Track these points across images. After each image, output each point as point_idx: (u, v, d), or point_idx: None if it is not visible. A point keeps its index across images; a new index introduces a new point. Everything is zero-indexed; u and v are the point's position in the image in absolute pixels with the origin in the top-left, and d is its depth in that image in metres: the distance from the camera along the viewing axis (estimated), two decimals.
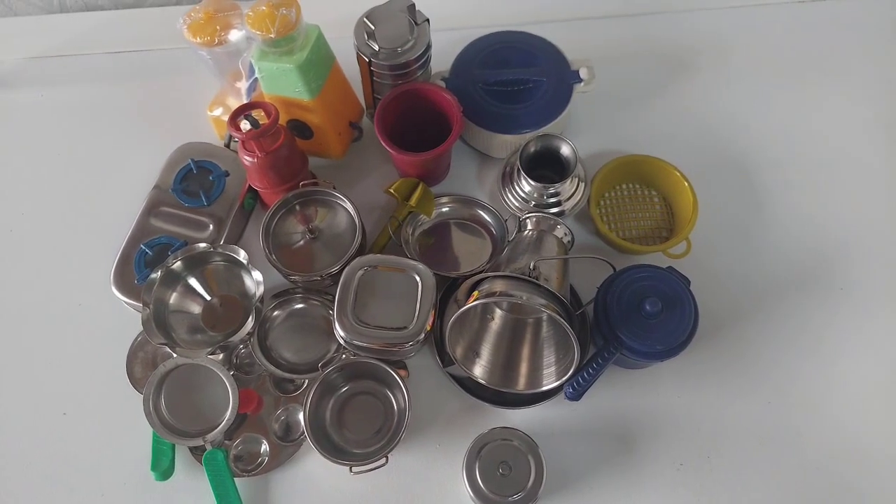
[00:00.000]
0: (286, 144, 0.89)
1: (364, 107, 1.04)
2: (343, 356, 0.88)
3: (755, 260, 0.98)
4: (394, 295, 0.85)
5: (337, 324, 0.83)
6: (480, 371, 0.87)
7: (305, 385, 0.90)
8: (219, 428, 0.83)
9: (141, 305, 0.87)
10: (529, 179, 0.93)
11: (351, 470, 0.81)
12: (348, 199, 0.93)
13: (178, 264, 0.90)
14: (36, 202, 1.06)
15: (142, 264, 0.92)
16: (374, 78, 0.95)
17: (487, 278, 0.83)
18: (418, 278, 0.86)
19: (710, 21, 1.19)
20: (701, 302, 0.84)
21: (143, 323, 0.86)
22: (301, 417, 0.84)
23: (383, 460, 0.81)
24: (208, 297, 0.92)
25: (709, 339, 0.92)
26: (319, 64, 0.90)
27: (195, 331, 0.90)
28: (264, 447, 0.87)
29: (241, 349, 0.92)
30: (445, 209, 1.01)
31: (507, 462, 0.80)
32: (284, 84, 0.89)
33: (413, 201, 0.96)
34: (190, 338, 0.89)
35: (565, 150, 0.95)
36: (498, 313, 0.90)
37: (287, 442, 0.87)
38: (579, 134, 1.06)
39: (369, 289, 0.86)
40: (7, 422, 0.91)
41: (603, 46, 1.13)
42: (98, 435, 0.89)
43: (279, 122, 0.88)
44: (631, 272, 0.85)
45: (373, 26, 0.90)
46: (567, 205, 0.95)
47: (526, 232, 0.91)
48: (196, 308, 0.91)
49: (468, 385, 0.89)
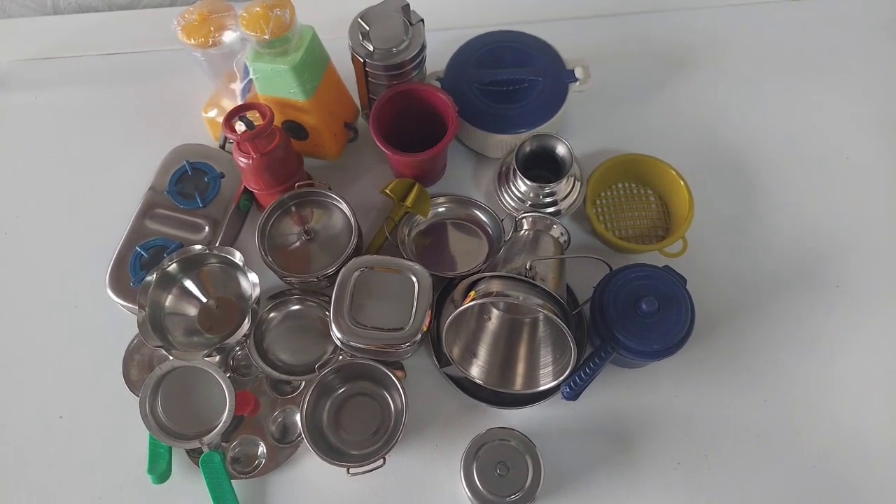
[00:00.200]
0: (281, 145, 0.88)
1: (359, 107, 1.04)
2: (340, 357, 0.88)
3: (751, 258, 0.98)
4: (390, 296, 0.85)
5: (333, 325, 0.83)
6: (477, 371, 0.87)
7: (302, 387, 0.89)
8: (216, 430, 0.83)
9: (137, 308, 0.87)
10: (525, 179, 0.93)
11: (348, 471, 0.81)
12: (344, 200, 0.92)
13: (174, 266, 0.89)
14: (31, 205, 1.05)
15: (137, 267, 0.92)
16: (369, 78, 0.95)
17: (484, 278, 0.83)
18: (414, 279, 0.85)
19: (706, 19, 1.19)
20: (697, 301, 0.84)
21: (139, 325, 0.86)
22: (298, 419, 0.83)
23: (381, 461, 0.81)
24: (204, 300, 0.91)
25: (705, 338, 0.92)
26: (314, 65, 0.89)
27: (191, 333, 0.90)
28: (261, 449, 0.87)
29: (238, 351, 0.92)
30: (441, 209, 1.01)
31: (505, 462, 0.80)
32: (279, 85, 0.88)
33: (409, 202, 0.95)
34: (186, 340, 0.89)
35: (561, 150, 0.95)
36: (495, 313, 0.90)
37: (284, 444, 0.87)
38: (575, 133, 1.06)
39: (366, 290, 0.85)
40: (3, 426, 0.90)
41: (598, 45, 1.13)
42: (94, 438, 0.89)
43: (274, 124, 0.87)
44: (627, 271, 0.85)
45: (367, 27, 0.90)
46: (563, 204, 0.95)
47: (522, 232, 0.91)
48: (192, 310, 0.91)
49: (465, 385, 0.89)
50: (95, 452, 0.88)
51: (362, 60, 0.92)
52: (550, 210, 0.95)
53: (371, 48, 0.91)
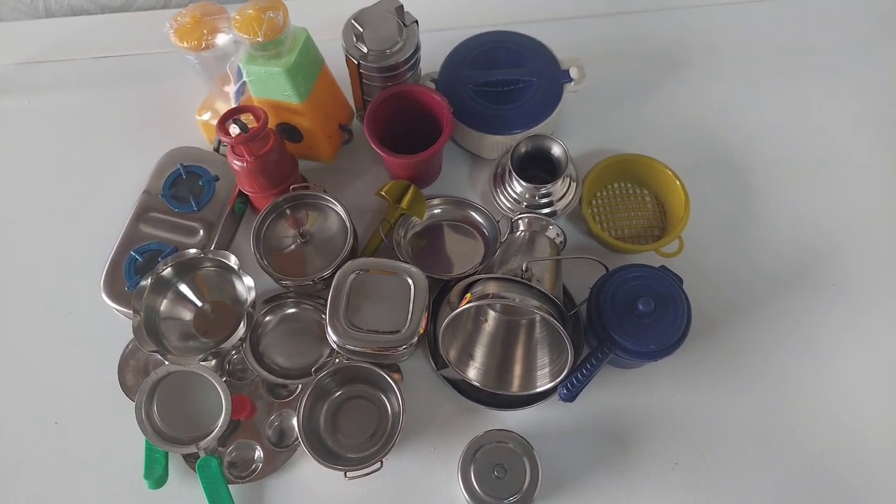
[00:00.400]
0: (276, 148, 0.88)
1: (354, 109, 1.04)
2: (336, 360, 0.88)
3: (748, 257, 0.98)
4: (386, 298, 0.85)
5: (329, 328, 0.82)
6: (474, 373, 0.86)
7: (299, 390, 0.89)
8: (212, 435, 0.83)
9: (132, 312, 0.86)
10: (521, 180, 0.93)
11: (346, 475, 0.80)
12: (339, 203, 0.92)
13: (169, 271, 0.89)
14: (24, 209, 1.05)
15: (132, 271, 0.91)
16: (364, 80, 0.95)
17: (480, 280, 0.82)
18: (410, 281, 0.85)
19: (701, 18, 1.20)
20: (694, 300, 0.84)
21: (134, 330, 0.85)
22: (295, 423, 0.83)
23: (378, 465, 0.80)
24: (199, 304, 0.91)
25: (702, 338, 0.92)
26: (308, 67, 0.89)
27: (187, 337, 0.89)
28: (258, 453, 0.86)
29: (234, 355, 0.91)
30: (437, 211, 1.01)
31: (503, 464, 0.80)
32: (273, 87, 0.88)
33: (404, 203, 0.95)
34: (181, 344, 0.88)
35: (556, 151, 0.95)
36: (491, 315, 0.90)
37: (281, 448, 0.87)
38: (570, 134, 1.06)
39: (362, 292, 0.85)
40: None
41: (593, 45, 1.13)
42: (90, 444, 0.89)
43: (268, 126, 0.87)
44: (624, 272, 0.85)
45: (361, 28, 0.89)
46: (559, 205, 0.95)
47: (518, 233, 0.91)
48: (187, 314, 0.91)
49: (462, 387, 0.89)
50: (91, 458, 0.88)
51: (356, 62, 0.92)
52: (546, 211, 0.94)
53: (365, 50, 0.91)
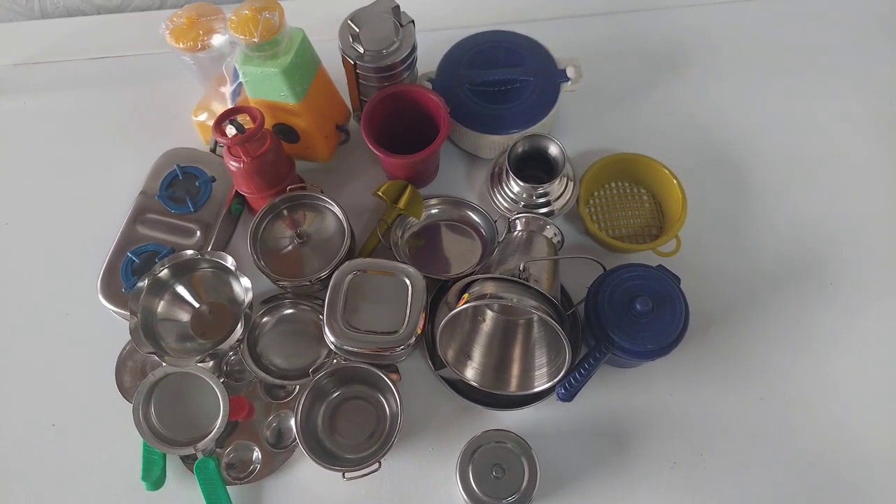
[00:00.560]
0: (272, 149, 0.88)
1: (350, 109, 1.04)
2: (334, 361, 0.88)
3: (745, 256, 0.98)
4: (384, 299, 0.85)
5: (327, 329, 0.82)
6: (472, 373, 0.86)
7: (296, 391, 0.89)
8: (210, 436, 0.83)
9: (129, 314, 0.86)
10: (518, 180, 0.93)
11: (344, 476, 0.80)
12: (336, 203, 0.92)
13: (165, 272, 0.89)
14: (20, 211, 1.04)
15: (129, 272, 0.91)
16: (360, 80, 0.95)
17: (478, 280, 0.82)
18: (408, 281, 0.85)
19: (698, 17, 1.20)
20: (691, 300, 0.84)
21: (131, 332, 0.85)
22: (293, 424, 0.83)
23: (376, 465, 0.80)
24: (197, 305, 0.91)
25: (700, 337, 0.92)
26: (304, 67, 0.89)
27: (184, 339, 0.89)
28: (256, 454, 0.86)
29: (231, 356, 0.91)
30: (434, 211, 1.01)
31: (501, 464, 0.80)
32: (269, 88, 0.88)
33: (402, 204, 0.95)
34: (179, 346, 0.88)
35: (553, 150, 0.95)
36: (489, 315, 0.90)
37: (279, 449, 0.87)
38: (567, 133, 1.06)
39: (359, 293, 0.85)
40: None
41: (590, 45, 1.13)
42: (88, 446, 0.88)
43: (265, 127, 0.87)
44: (621, 271, 0.85)
45: (357, 28, 0.89)
46: (556, 205, 0.95)
47: (515, 233, 0.91)
48: (184, 316, 0.90)
49: (460, 387, 0.89)
50: (89, 460, 0.88)
51: (353, 62, 0.91)
52: (543, 210, 0.94)
53: (361, 50, 0.90)
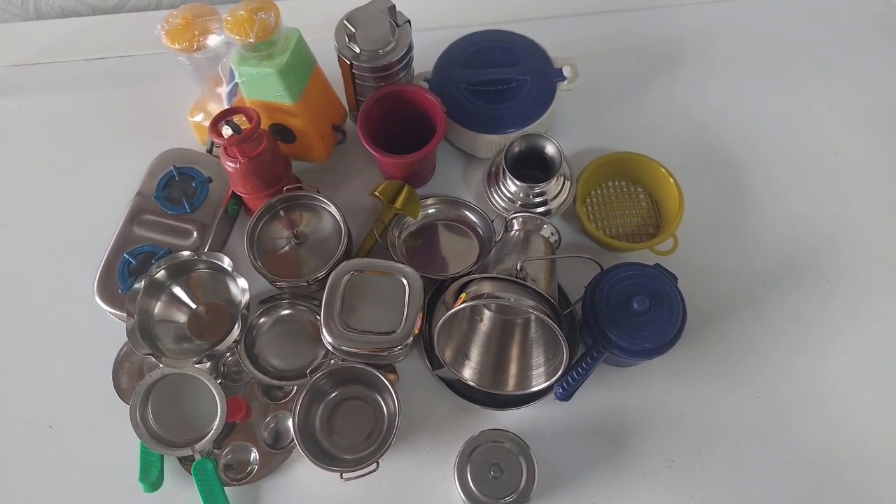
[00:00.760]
0: (269, 149, 0.88)
1: (347, 109, 1.03)
2: (331, 361, 0.88)
3: (742, 255, 0.98)
4: (381, 299, 0.85)
5: (324, 329, 0.82)
6: (470, 373, 0.86)
7: (294, 392, 0.89)
8: (207, 437, 0.83)
9: (125, 315, 0.86)
10: (515, 179, 0.92)
11: (342, 476, 0.80)
12: (333, 203, 0.92)
13: (162, 273, 0.89)
14: (16, 213, 1.04)
15: (125, 273, 0.91)
16: (356, 80, 0.95)
17: (475, 280, 0.82)
18: (405, 281, 0.85)
19: (694, 16, 1.20)
20: (689, 298, 0.84)
21: (128, 333, 0.85)
22: (290, 424, 0.83)
23: (374, 466, 0.80)
24: (194, 306, 0.91)
25: (697, 336, 0.92)
26: (300, 67, 0.89)
27: (181, 340, 0.89)
28: (254, 455, 0.86)
29: (229, 357, 0.91)
30: (431, 210, 1.01)
31: (499, 464, 0.80)
32: (265, 88, 0.88)
33: (398, 204, 0.95)
34: (176, 347, 0.88)
35: (550, 149, 0.95)
36: (486, 315, 0.90)
37: (277, 449, 0.86)
38: (564, 132, 1.06)
39: (356, 293, 0.85)
40: None
41: (586, 44, 1.13)
42: (85, 447, 0.88)
43: (261, 127, 0.87)
44: (618, 270, 0.85)
45: (353, 28, 0.89)
46: (553, 204, 0.95)
47: (513, 232, 0.91)
48: (181, 317, 0.90)
49: (458, 387, 0.89)
50: (86, 462, 0.88)
51: (349, 62, 0.91)
52: (540, 210, 0.94)
53: (357, 50, 0.90)
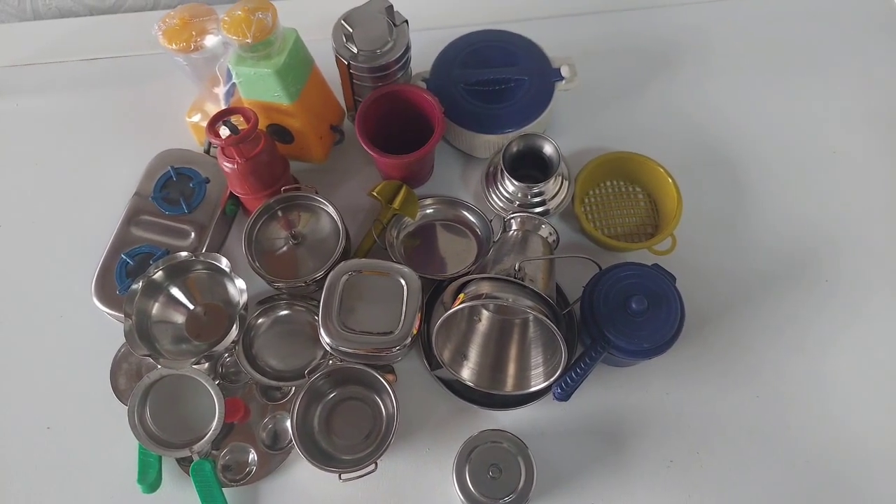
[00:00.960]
0: (266, 149, 0.88)
1: (345, 109, 1.03)
2: (329, 362, 0.87)
3: (740, 254, 0.98)
4: (379, 299, 0.85)
5: (322, 330, 0.82)
6: (468, 373, 0.86)
7: (292, 392, 0.89)
8: (206, 438, 0.83)
9: (123, 316, 0.86)
10: (513, 179, 0.92)
11: (340, 477, 0.80)
12: (331, 204, 0.92)
13: (160, 274, 0.88)
14: (14, 213, 1.04)
15: (123, 274, 0.91)
16: (354, 80, 0.94)
17: (473, 280, 0.82)
18: (403, 282, 0.85)
19: (692, 16, 1.19)
20: (687, 298, 0.84)
21: (126, 334, 0.85)
22: (289, 425, 0.83)
23: (372, 466, 0.80)
24: (191, 307, 0.91)
25: (696, 336, 0.92)
26: (298, 68, 0.89)
27: (179, 341, 0.89)
28: (252, 456, 0.86)
29: (227, 358, 0.91)
30: (430, 211, 1.01)
31: (497, 464, 0.80)
32: (263, 89, 0.88)
33: (396, 204, 0.95)
34: (174, 348, 0.88)
35: (548, 149, 0.95)
36: (485, 315, 0.90)
37: (275, 450, 0.86)
38: (562, 132, 1.06)
39: (355, 294, 0.85)
40: None
41: (584, 43, 1.13)
42: (83, 449, 0.88)
43: (259, 127, 0.87)
44: (617, 270, 0.85)
45: (351, 28, 0.89)
46: (551, 204, 0.95)
47: (511, 232, 0.91)
48: (179, 318, 0.90)
49: (456, 388, 0.89)
50: (84, 463, 0.87)
51: (346, 62, 0.91)
52: (539, 210, 0.94)
53: (355, 50, 0.90)
